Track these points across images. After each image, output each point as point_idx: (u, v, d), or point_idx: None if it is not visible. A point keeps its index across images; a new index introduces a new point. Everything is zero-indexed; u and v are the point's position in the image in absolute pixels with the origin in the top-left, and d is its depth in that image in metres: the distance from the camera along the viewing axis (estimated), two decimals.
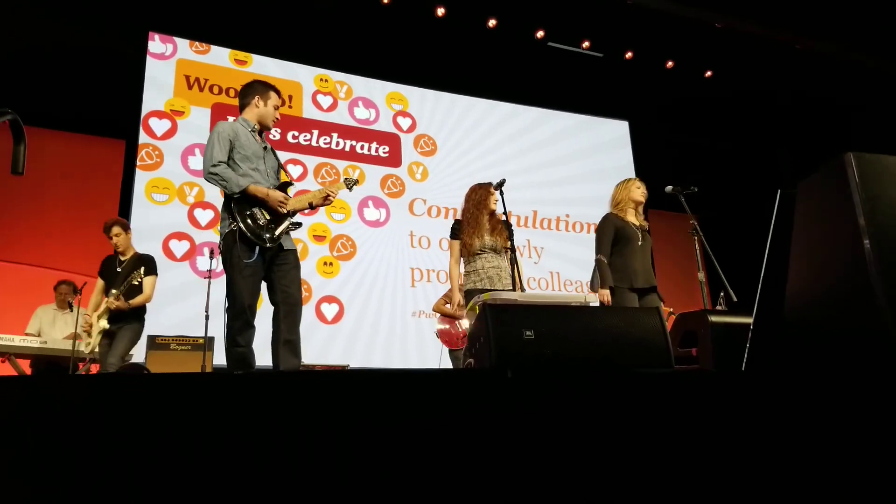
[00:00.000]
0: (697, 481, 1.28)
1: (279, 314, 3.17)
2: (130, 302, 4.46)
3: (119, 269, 4.58)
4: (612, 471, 1.26)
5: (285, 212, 3.22)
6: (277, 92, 3.47)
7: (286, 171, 3.52)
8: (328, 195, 3.36)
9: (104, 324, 4.42)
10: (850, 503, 1.22)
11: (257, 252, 3.11)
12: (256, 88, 3.42)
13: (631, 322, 1.68)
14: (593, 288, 4.05)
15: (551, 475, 1.25)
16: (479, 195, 4.18)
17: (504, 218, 4.18)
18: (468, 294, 3.99)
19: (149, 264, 4.65)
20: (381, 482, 1.19)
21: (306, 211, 3.43)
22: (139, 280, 4.47)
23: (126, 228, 4.71)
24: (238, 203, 3.14)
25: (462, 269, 4.16)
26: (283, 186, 3.34)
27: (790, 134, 8.47)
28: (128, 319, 4.49)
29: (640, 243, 4.14)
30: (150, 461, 1.13)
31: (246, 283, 3.07)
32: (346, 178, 3.58)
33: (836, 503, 1.26)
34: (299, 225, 3.35)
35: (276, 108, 3.42)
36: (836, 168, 1.23)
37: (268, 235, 3.14)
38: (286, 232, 3.25)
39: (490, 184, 4.23)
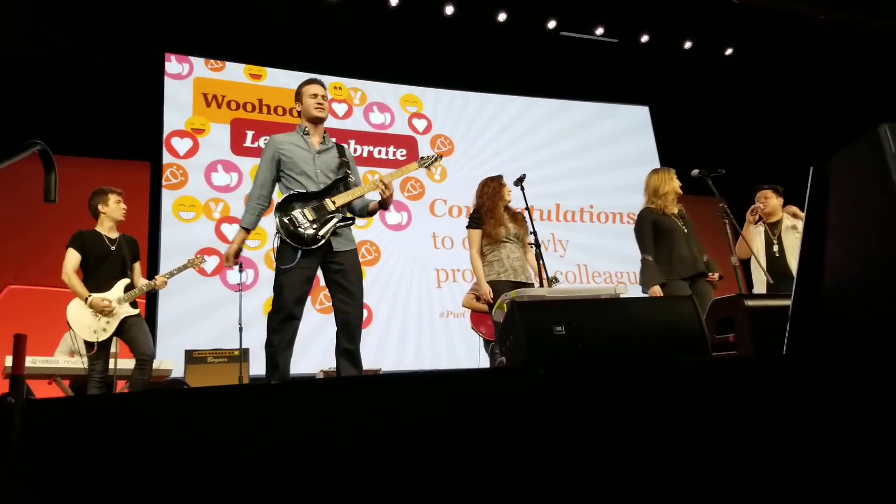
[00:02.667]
0: (739, 470, 1.24)
1: (337, 322, 3.18)
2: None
3: (113, 248, 4.08)
4: (651, 464, 1.23)
5: (332, 209, 3.16)
6: (310, 81, 3.44)
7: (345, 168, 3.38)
8: (384, 185, 3.22)
9: (129, 309, 4.02)
10: (892, 486, 1.18)
11: (299, 255, 3.09)
12: (296, 92, 3.45)
13: (664, 311, 1.64)
14: (644, 290, 3.96)
15: (588, 472, 1.22)
16: (493, 187, 4.17)
17: (520, 211, 4.16)
18: (493, 285, 3.96)
19: (139, 249, 4.37)
20: (416, 484, 1.17)
21: (379, 209, 3.38)
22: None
23: None
24: (279, 209, 3.15)
25: (484, 261, 4.13)
26: (331, 186, 3.26)
27: (817, 108, 8.28)
28: (133, 307, 4.09)
29: (684, 231, 4.04)
30: (194, 473, 1.14)
31: (285, 281, 3.07)
32: (422, 158, 3.52)
33: (883, 488, 1.21)
34: (351, 221, 3.29)
35: (314, 95, 3.37)
36: (871, 140, 1.19)
37: (309, 235, 3.10)
38: (333, 232, 3.17)
39: (500, 176, 4.21)
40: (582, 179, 7.75)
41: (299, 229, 3.10)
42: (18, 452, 1.07)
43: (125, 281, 4.06)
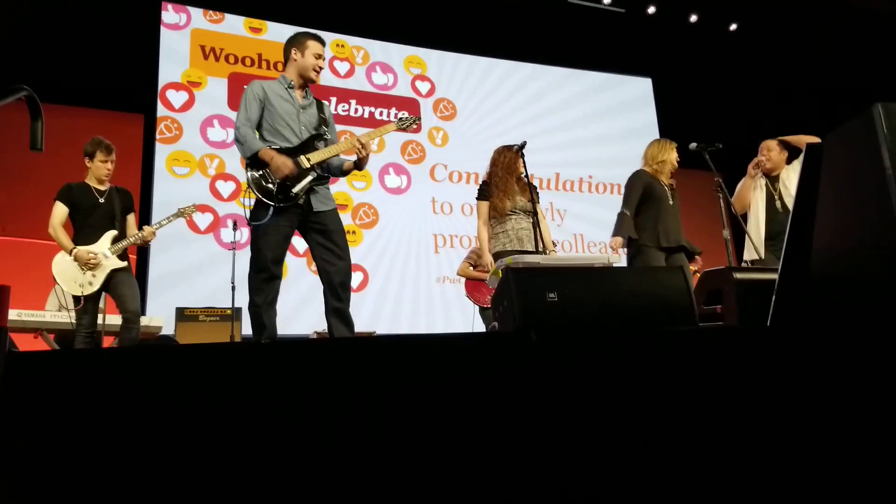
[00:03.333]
0: (722, 437, 1.28)
1: (323, 283, 3.12)
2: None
3: (102, 201, 3.99)
4: (637, 430, 1.26)
5: (286, 174, 3.02)
6: (318, 39, 3.26)
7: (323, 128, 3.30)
8: (361, 144, 3.13)
9: (117, 262, 3.90)
10: (875, 462, 1.21)
11: (271, 212, 3.01)
12: (294, 40, 3.26)
13: (654, 281, 1.67)
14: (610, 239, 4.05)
15: (576, 436, 1.26)
16: (508, 159, 4.13)
17: (527, 180, 4.15)
18: (498, 256, 3.97)
19: (133, 201, 4.27)
20: (409, 446, 1.21)
21: (354, 170, 3.27)
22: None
23: None
24: (252, 164, 3.07)
25: (490, 232, 4.14)
26: (307, 143, 3.17)
27: (817, 87, 8.22)
28: (122, 259, 3.96)
29: (670, 203, 4.09)
30: (182, 430, 1.16)
31: (263, 241, 3.00)
32: (399, 119, 3.41)
33: (862, 461, 1.25)
34: (326, 179, 3.21)
35: (318, 56, 3.22)
36: (864, 119, 1.20)
37: (281, 195, 3.02)
38: (311, 190, 3.10)
39: (517, 147, 4.19)
40: (582, 149, 7.74)
41: (269, 185, 3.02)
42: (0, 405, 1.08)
43: (112, 233, 3.98)
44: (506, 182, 4.06)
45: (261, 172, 3.04)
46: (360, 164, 3.21)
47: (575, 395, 1.29)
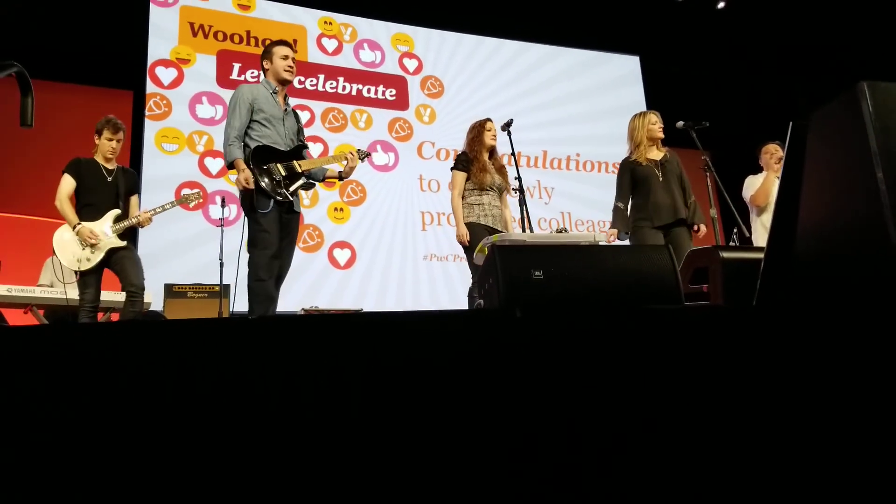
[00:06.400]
0: (706, 416, 1.30)
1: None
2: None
3: (110, 179, 4.04)
4: (621, 407, 1.28)
5: (298, 171, 3.42)
6: (282, 43, 3.61)
7: (300, 137, 3.66)
8: (350, 158, 3.62)
9: (117, 241, 3.94)
10: (858, 440, 1.24)
11: (272, 203, 3.31)
12: (264, 54, 3.59)
13: (640, 259, 1.68)
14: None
15: (560, 412, 1.27)
16: (476, 131, 4.16)
17: (506, 160, 4.16)
18: (472, 227, 3.99)
19: (137, 182, 4.36)
20: (390, 421, 1.21)
21: (331, 181, 3.76)
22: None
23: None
24: (257, 157, 3.32)
25: (463, 202, 4.14)
26: (297, 149, 3.49)
27: (806, 65, 8.23)
28: (123, 238, 4.01)
29: (660, 179, 4.05)
30: (170, 406, 1.16)
31: (267, 222, 3.26)
32: (358, 150, 3.77)
33: (846, 439, 1.27)
34: (312, 185, 3.60)
35: (285, 57, 3.53)
36: (850, 98, 1.20)
37: (282, 191, 3.34)
38: (298, 190, 3.47)
39: (486, 119, 4.19)
40: (570, 127, 7.72)
41: (274, 181, 3.33)
42: None
43: (115, 212, 4.02)
44: (478, 156, 4.09)
45: (267, 166, 3.33)
46: (343, 177, 3.68)
47: (559, 371, 1.30)
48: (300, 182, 3.45)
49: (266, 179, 3.30)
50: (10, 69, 1.71)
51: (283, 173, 3.36)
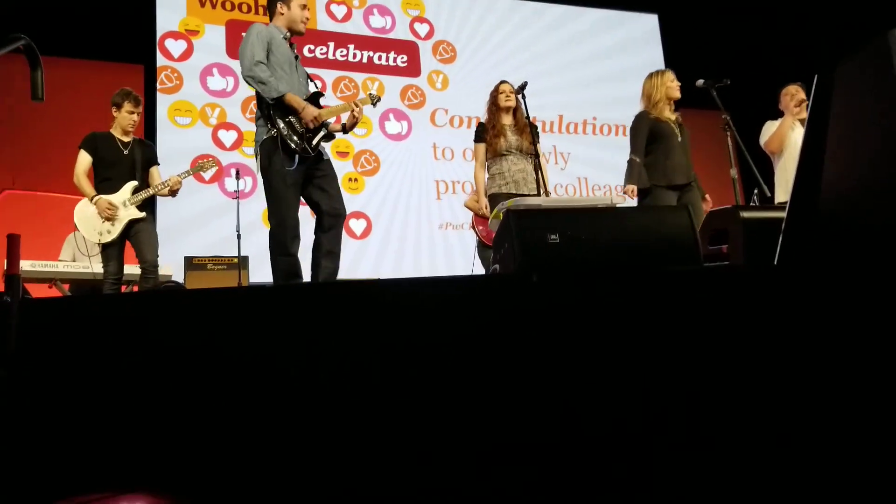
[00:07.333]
0: (727, 378, 1.28)
1: (323, 225, 3.19)
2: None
3: (126, 152, 4.05)
4: (641, 370, 1.27)
5: (315, 124, 3.18)
6: None
7: (314, 83, 3.47)
8: (356, 109, 3.30)
9: (136, 212, 3.96)
10: (882, 397, 1.21)
11: (297, 160, 3.10)
12: None
13: (658, 221, 1.64)
14: (623, 188, 3.98)
15: (579, 376, 1.26)
16: (491, 97, 4.11)
17: (528, 121, 4.08)
18: (494, 198, 3.93)
19: (155, 153, 4.35)
20: (410, 385, 1.21)
21: (339, 133, 3.45)
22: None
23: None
24: (276, 109, 3.11)
25: (487, 174, 4.10)
26: (315, 97, 3.28)
27: (831, 17, 7.97)
28: (143, 210, 4.03)
29: (679, 139, 3.97)
30: (191, 373, 1.17)
31: (289, 193, 3.07)
32: (369, 94, 3.54)
33: (869, 397, 1.25)
34: (332, 137, 3.37)
35: (303, 7, 3.29)
36: (878, 47, 1.15)
37: (306, 145, 3.13)
38: (322, 142, 3.26)
39: (501, 82, 4.13)
40: (586, 90, 7.58)
41: (295, 137, 3.11)
42: (16, 351, 1.10)
43: (133, 184, 4.04)
44: (494, 119, 4.03)
45: (288, 119, 3.11)
46: (347, 129, 3.40)
47: (577, 335, 1.28)
48: (322, 133, 3.22)
49: (288, 132, 3.08)
50: (17, 42, 1.69)
51: (302, 127, 3.13)
